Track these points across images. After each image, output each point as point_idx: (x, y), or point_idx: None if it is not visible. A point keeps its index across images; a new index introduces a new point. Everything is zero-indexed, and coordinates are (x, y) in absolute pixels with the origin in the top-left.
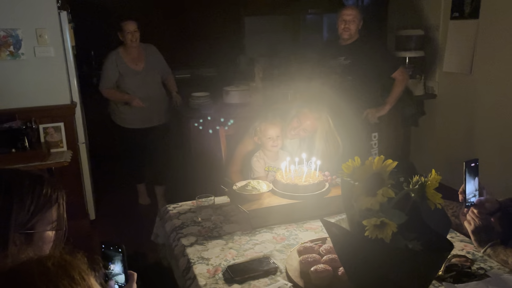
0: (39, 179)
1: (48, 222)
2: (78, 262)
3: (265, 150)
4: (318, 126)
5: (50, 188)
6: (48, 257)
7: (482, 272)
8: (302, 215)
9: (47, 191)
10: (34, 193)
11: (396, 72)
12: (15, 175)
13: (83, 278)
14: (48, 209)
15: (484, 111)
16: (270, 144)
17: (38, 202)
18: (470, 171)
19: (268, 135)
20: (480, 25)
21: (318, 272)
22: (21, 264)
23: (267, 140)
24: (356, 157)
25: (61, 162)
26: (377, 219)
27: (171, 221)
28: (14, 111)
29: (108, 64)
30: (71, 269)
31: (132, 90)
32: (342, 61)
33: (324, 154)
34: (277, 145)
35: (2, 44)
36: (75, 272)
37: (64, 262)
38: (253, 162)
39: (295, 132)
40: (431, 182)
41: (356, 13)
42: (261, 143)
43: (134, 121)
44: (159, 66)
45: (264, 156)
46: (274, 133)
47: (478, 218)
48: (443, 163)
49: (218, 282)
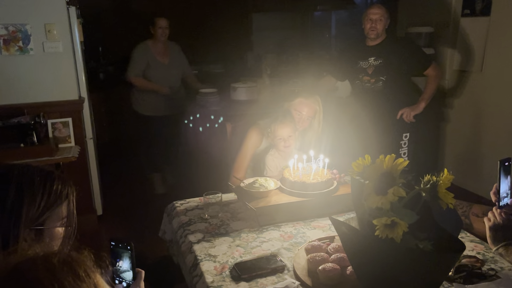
0: (49, 175)
1: (58, 219)
2: (84, 259)
3: (279, 150)
4: (316, 109)
5: (61, 184)
6: (54, 254)
7: (492, 273)
8: (310, 213)
9: (58, 187)
10: (45, 189)
11: (429, 69)
12: (26, 170)
13: (88, 275)
14: (58, 206)
15: (495, 110)
16: (282, 145)
17: (48, 198)
18: (504, 170)
19: (279, 136)
20: (492, 23)
21: (326, 271)
22: (26, 261)
23: (278, 141)
24: (367, 155)
25: (69, 157)
26: (387, 218)
27: (178, 218)
28: (23, 106)
29: (137, 53)
30: (77, 266)
31: (156, 80)
32: (372, 62)
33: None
34: (290, 145)
35: (11, 39)
36: (80, 269)
37: (70, 259)
38: (267, 160)
39: (299, 124)
40: (443, 182)
41: (383, 12)
42: (274, 144)
43: (157, 108)
44: (181, 63)
45: (279, 156)
46: (286, 133)
47: (500, 216)
48: (452, 162)
49: (225, 280)
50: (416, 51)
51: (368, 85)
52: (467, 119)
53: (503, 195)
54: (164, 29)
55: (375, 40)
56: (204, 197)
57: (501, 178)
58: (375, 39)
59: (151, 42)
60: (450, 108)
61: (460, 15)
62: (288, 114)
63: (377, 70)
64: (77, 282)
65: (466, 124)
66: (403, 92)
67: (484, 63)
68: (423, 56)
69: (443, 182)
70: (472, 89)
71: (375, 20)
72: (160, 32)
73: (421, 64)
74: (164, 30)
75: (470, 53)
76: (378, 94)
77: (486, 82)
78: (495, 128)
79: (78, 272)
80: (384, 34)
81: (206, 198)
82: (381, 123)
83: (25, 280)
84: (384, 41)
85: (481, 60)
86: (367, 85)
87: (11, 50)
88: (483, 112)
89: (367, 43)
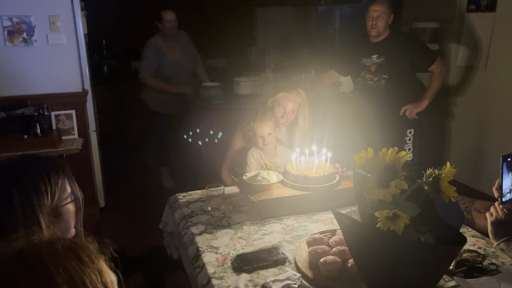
0: (38, 162)
1: (66, 196)
2: (88, 244)
3: (259, 148)
4: (300, 102)
5: (56, 166)
6: (58, 240)
7: (493, 268)
8: (312, 207)
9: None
10: (42, 177)
11: (433, 65)
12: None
13: (92, 261)
14: (62, 185)
15: (499, 106)
16: (260, 143)
17: (50, 183)
18: (507, 165)
19: (258, 134)
20: (497, 19)
21: (328, 263)
22: (30, 246)
23: (258, 138)
24: (369, 148)
25: (72, 149)
26: (389, 211)
27: (180, 210)
28: (26, 98)
29: (148, 53)
30: (80, 251)
31: (167, 77)
32: (375, 59)
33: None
34: (269, 143)
35: (15, 31)
36: (84, 254)
37: (74, 245)
38: (248, 157)
39: (284, 119)
40: (445, 175)
41: (384, 9)
42: (254, 142)
43: (173, 107)
44: (191, 53)
45: (261, 152)
46: (265, 132)
47: (502, 212)
48: (457, 158)
49: (226, 271)
50: (420, 48)
51: (371, 83)
52: (471, 115)
53: (505, 191)
54: (172, 22)
55: (378, 37)
56: (206, 189)
57: (503, 174)
58: (377, 36)
59: (159, 38)
60: (454, 104)
61: (466, 10)
62: (269, 111)
63: (380, 68)
64: (81, 266)
65: (470, 120)
66: (407, 89)
67: (489, 59)
68: (427, 52)
69: (445, 176)
70: (477, 85)
71: (376, 18)
72: (167, 26)
73: (426, 60)
74: (172, 24)
75: (475, 49)
76: (380, 92)
77: (490, 78)
78: (500, 125)
79: (81, 257)
80: (387, 30)
81: (208, 191)
82: (385, 119)
83: (29, 264)
84: (387, 37)
85: (486, 56)
86: (370, 83)
87: (15, 42)
88: (488, 108)
89: (370, 39)
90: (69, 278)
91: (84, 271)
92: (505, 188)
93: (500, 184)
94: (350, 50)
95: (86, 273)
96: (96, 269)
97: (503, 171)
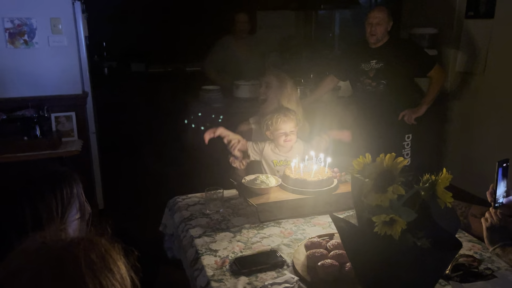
0: (56, 181)
1: (75, 212)
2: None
3: (278, 145)
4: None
5: (68, 185)
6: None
7: (489, 273)
8: (310, 211)
9: (67, 190)
10: (57, 198)
11: (432, 71)
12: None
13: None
14: (73, 204)
15: (497, 112)
16: (282, 139)
17: (63, 204)
18: (502, 171)
19: (281, 130)
20: (495, 25)
21: (325, 267)
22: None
23: (279, 135)
24: (367, 154)
25: (72, 151)
26: (386, 215)
27: (180, 212)
28: (27, 99)
29: (217, 47)
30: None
31: (229, 73)
32: (374, 64)
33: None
34: (291, 140)
35: (17, 33)
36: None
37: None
38: (249, 147)
39: (287, 142)
40: (441, 181)
41: (383, 16)
42: (273, 138)
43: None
44: (262, 57)
45: (275, 149)
46: (288, 128)
47: (497, 217)
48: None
49: (225, 274)
50: (418, 53)
51: (369, 88)
52: (469, 120)
53: (500, 196)
54: (242, 23)
55: (377, 42)
56: (205, 192)
57: (498, 179)
58: (376, 42)
59: (232, 37)
60: (452, 110)
61: (464, 16)
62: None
63: (379, 74)
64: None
65: (468, 126)
66: (405, 94)
67: (486, 65)
68: (426, 58)
69: (441, 181)
70: (475, 90)
71: (375, 24)
72: (238, 27)
73: (424, 66)
74: (243, 25)
75: (473, 55)
76: (379, 97)
77: (488, 84)
78: (497, 130)
79: (112, 268)
80: (386, 36)
81: (207, 194)
82: (383, 124)
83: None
84: (386, 43)
85: (484, 62)
86: (368, 88)
87: (16, 44)
88: (485, 114)
89: (369, 45)
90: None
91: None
92: (499, 194)
93: (494, 189)
94: (349, 55)
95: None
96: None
97: (498, 176)
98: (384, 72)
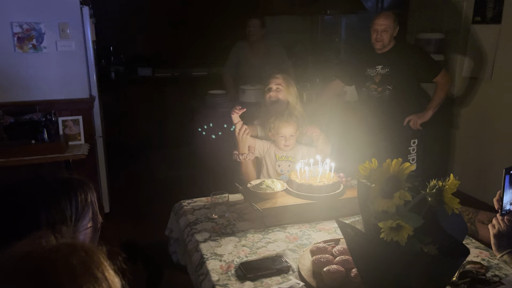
0: (71, 189)
1: (87, 220)
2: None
3: (278, 148)
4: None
5: (83, 193)
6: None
7: (496, 280)
8: (316, 216)
9: (81, 198)
10: (71, 205)
11: (438, 76)
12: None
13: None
14: (86, 212)
15: (504, 117)
16: (282, 143)
17: (77, 212)
18: (510, 178)
19: (281, 133)
20: (502, 30)
21: (331, 272)
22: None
23: (279, 138)
24: (374, 159)
25: (79, 154)
26: (393, 221)
27: (185, 217)
28: (35, 103)
29: (232, 51)
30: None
31: (247, 78)
32: (380, 70)
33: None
34: (289, 144)
35: (25, 37)
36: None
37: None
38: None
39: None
40: (448, 187)
41: (389, 22)
42: (274, 140)
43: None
44: (277, 60)
45: (278, 150)
46: (288, 132)
47: (504, 224)
48: (461, 169)
49: (230, 279)
50: (425, 59)
51: (375, 93)
52: (476, 126)
53: (507, 203)
54: (252, 28)
55: (383, 49)
56: (211, 197)
57: (505, 186)
58: (382, 48)
59: (246, 41)
60: (459, 115)
61: (471, 22)
62: (292, 114)
63: (384, 79)
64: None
65: (474, 131)
66: (411, 99)
67: (494, 71)
68: (432, 63)
69: (448, 187)
70: (481, 96)
71: (381, 31)
72: (248, 31)
73: (430, 72)
74: (253, 30)
75: (480, 60)
76: (385, 102)
77: (495, 89)
78: (504, 136)
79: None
80: (392, 42)
81: (213, 198)
82: (389, 129)
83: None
84: (392, 48)
85: (491, 67)
86: (374, 93)
87: (24, 48)
88: (492, 119)
89: (375, 50)
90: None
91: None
92: (506, 201)
93: (501, 196)
94: (355, 60)
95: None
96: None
97: (505, 184)
98: (390, 77)
